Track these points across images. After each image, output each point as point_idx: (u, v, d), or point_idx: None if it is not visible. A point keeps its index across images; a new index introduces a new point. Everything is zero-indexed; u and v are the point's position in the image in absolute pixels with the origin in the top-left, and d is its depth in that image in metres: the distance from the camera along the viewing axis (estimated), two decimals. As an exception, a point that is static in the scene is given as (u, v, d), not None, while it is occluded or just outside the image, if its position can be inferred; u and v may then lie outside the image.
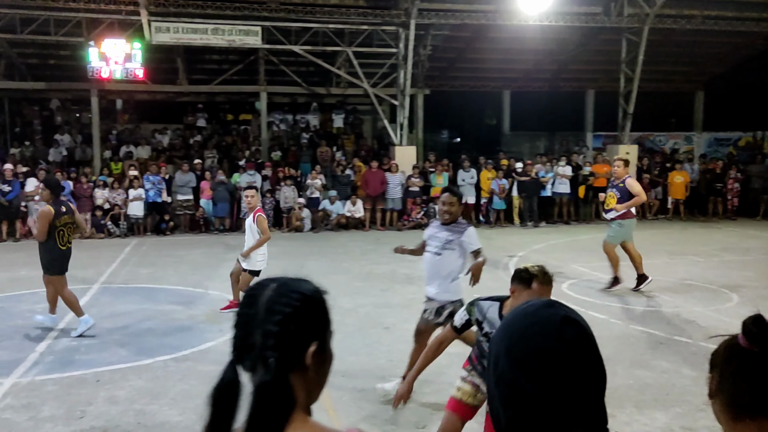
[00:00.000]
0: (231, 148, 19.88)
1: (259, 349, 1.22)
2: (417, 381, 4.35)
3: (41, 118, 20.52)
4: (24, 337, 7.10)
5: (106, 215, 15.16)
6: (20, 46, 17.65)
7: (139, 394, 5.50)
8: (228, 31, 16.21)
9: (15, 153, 18.11)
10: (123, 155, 18.35)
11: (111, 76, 15.89)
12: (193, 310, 8.42)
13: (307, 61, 18.29)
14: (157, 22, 15.69)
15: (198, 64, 19.81)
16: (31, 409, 5.16)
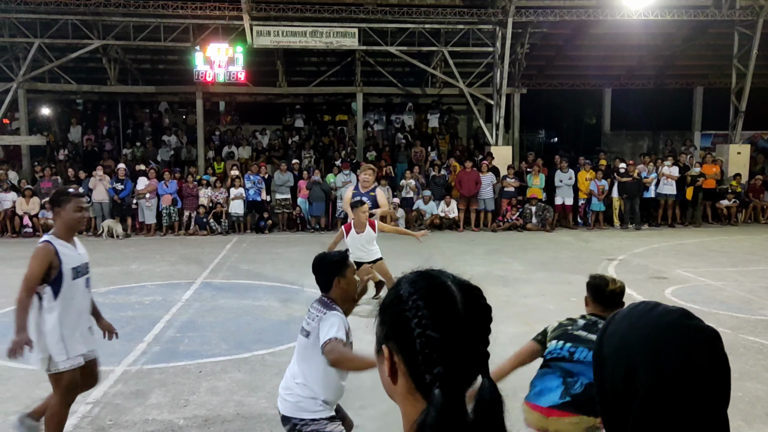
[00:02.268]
0: (327, 148, 20.25)
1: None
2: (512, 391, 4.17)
3: (151, 120, 21.73)
4: (133, 328, 7.47)
5: (208, 213, 15.81)
6: (133, 53, 18.77)
7: (239, 386, 5.64)
8: (326, 33, 16.50)
9: (127, 153, 19.28)
10: (225, 155, 19.10)
11: (215, 79, 16.56)
12: (289, 307, 8.58)
13: (403, 62, 18.34)
14: (259, 27, 16.21)
15: (297, 67, 20.32)
16: (140, 396, 5.40)
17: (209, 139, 20.05)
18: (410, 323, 1.07)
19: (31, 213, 15.39)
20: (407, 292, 1.11)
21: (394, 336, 1.11)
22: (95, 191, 15.49)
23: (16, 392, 5.48)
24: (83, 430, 4.74)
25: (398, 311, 1.10)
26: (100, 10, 16.02)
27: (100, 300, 8.78)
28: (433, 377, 1.04)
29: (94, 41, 16.52)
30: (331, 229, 16.36)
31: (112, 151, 19.77)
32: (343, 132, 21.57)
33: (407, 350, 1.08)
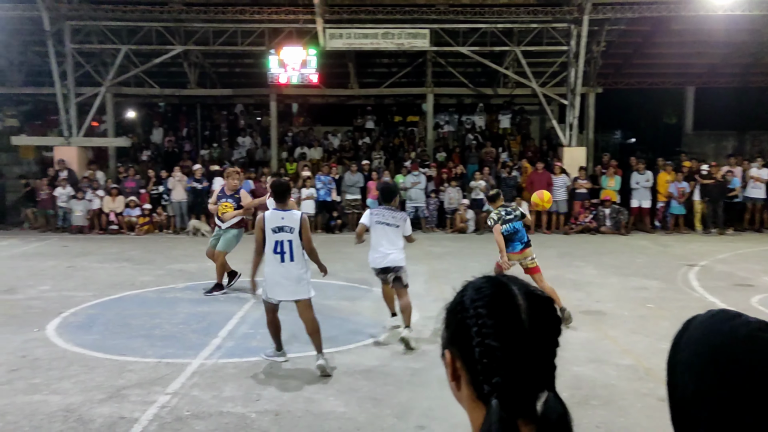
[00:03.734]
0: (397, 149, 20.32)
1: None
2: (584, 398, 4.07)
3: (227, 122, 22.42)
4: (209, 323, 7.72)
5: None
6: (212, 57, 19.42)
7: (308, 383, 5.74)
8: (397, 35, 16.56)
9: (204, 154, 19.97)
10: (297, 156, 19.49)
11: (288, 81, 16.91)
12: (357, 306, 8.67)
13: (474, 62, 18.18)
14: (331, 29, 16.45)
15: (368, 68, 20.49)
16: (215, 388, 5.59)
17: (282, 140, 20.49)
18: (471, 330, 1.06)
19: (117, 211, 16.18)
20: (471, 298, 1.10)
21: (456, 342, 1.10)
22: (174, 191, 16.12)
23: (100, 381, 5.77)
24: (163, 419, 4.94)
25: (460, 317, 1.09)
26: (182, 16, 16.66)
27: (178, 295, 9.18)
28: (492, 387, 1.02)
29: (176, 47, 17.20)
30: (400, 229, 16.41)
31: (191, 152, 20.53)
32: (413, 133, 21.60)
33: (468, 357, 1.06)
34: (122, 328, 7.54)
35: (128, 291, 9.47)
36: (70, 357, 6.44)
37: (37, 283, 9.98)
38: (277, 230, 5.97)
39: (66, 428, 4.78)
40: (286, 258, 5.96)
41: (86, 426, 4.82)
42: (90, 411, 5.09)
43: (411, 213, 16.42)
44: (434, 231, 16.41)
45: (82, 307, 8.52)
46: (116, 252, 13.08)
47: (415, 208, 16.45)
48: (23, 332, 7.30)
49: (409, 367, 6.18)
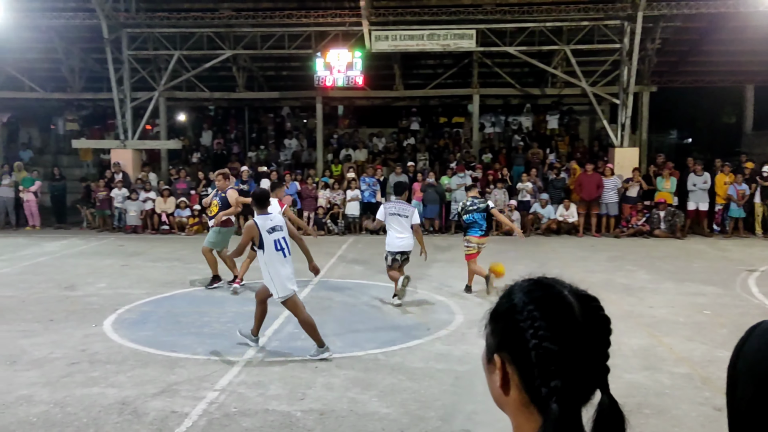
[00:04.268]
0: (443, 150, 20.28)
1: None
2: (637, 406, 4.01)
3: (274, 124, 22.78)
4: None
5: (326, 214, 16.33)
6: (259, 60, 19.77)
7: (352, 384, 5.80)
8: (443, 36, 16.53)
9: (251, 156, 20.34)
10: (343, 158, 19.64)
11: (334, 84, 17.08)
12: (402, 307, 8.70)
13: (522, 62, 17.99)
14: (377, 31, 16.54)
15: (413, 69, 20.51)
16: (261, 386, 5.71)
17: (328, 142, 20.70)
18: (525, 334, 1.04)
19: (168, 212, 16.64)
20: (522, 301, 1.08)
21: (507, 346, 1.08)
22: (224, 192, 16.44)
23: (153, 376, 5.96)
24: (212, 414, 5.08)
25: (512, 321, 1.08)
26: (231, 22, 17.03)
27: (226, 294, 9.37)
28: (550, 391, 1.01)
29: (225, 51, 17.58)
30: (444, 231, 16.38)
31: (239, 153, 20.94)
32: (458, 134, 21.51)
33: (521, 362, 1.05)
34: (173, 326, 7.77)
35: (179, 289, 9.74)
36: (126, 352, 6.68)
37: (96, 281, 10.36)
38: (272, 230, 6.49)
39: (121, 421, 4.96)
40: (286, 253, 6.58)
41: (140, 419, 4.99)
42: (144, 404, 5.27)
43: (455, 216, 16.37)
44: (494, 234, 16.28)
45: (136, 304, 8.81)
46: (168, 251, 13.45)
47: (460, 210, 16.38)
48: (83, 327, 7.60)
49: (453, 369, 6.18)
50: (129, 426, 4.87)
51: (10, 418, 5.02)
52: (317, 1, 17.18)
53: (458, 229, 16.39)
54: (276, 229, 6.51)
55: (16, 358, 6.48)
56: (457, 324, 7.84)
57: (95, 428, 4.84)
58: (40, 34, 17.93)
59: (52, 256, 12.34)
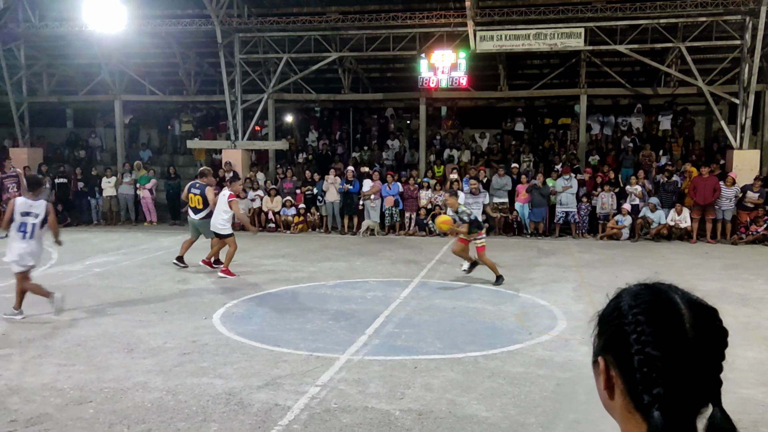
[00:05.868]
0: (548, 152, 19.75)
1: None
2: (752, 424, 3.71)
3: (378, 125, 23.04)
4: (356, 321, 7.99)
5: (428, 215, 16.33)
6: (364, 62, 20.09)
7: (451, 385, 5.75)
8: (550, 35, 16.09)
9: (355, 157, 20.69)
10: (445, 159, 19.57)
11: (438, 85, 17.05)
12: (502, 310, 8.54)
13: (633, 61, 17.22)
14: (482, 32, 16.35)
15: (518, 70, 20.13)
16: (361, 384, 5.77)
17: (430, 143, 20.69)
18: (629, 338, 1.02)
19: (274, 210, 17.23)
20: (628, 305, 1.06)
21: (612, 349, 1.06)
22: (327, 192, 16.84)
23: (258, 369, 6.17)
24: (313, 409, 5.19)
25: (617, 324, 1.06)
26: (338, 25, 17.41)
27: (328, 292, 9.57)
28: (652, 398, 0.98)
29: (332, 54, 18.00)
30: (548, 234, 15.94)
31: (343, 154, 21.36)
32: (564, 135, 20.87)
33: (625, 366, 1.03)
34: (278, 321, 8.02)
35: (283, 286, 10.05)
36: (233, 344, 6.96)
37: (206, 276, 10.89)
38: (26, 214, 7.96)
39: (228, 410, 5.17)
40: (26, 236, 8.02)
41: (245, 410, 5.18)
42: (249, 396, 5.47)
43: (560, 218, 15.90)
44: (585, 237, 15.75)
45: (243, 299, 9.17)
46: (273, 249, 13.93)
47: (565, 213, 15.88)
48: (194, 320, 8.01)
49: (554, 376, 5.98)
50: (235, 416, 5.07)
51: (127, 402, 5.36)
52: (422, 3, 17.21)
53: (563, 233, 15.94)
54: (30, 214, 7.87)
55: (133, 346, 6.91)
56: (560, 330, 7.60)
57: (204, 416, 5.07)
58: (160, 40, 19.10)
59: (167, 251, 13.08)
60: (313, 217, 17.22)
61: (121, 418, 5.02)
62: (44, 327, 7.63)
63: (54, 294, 8.02)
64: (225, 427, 4.87)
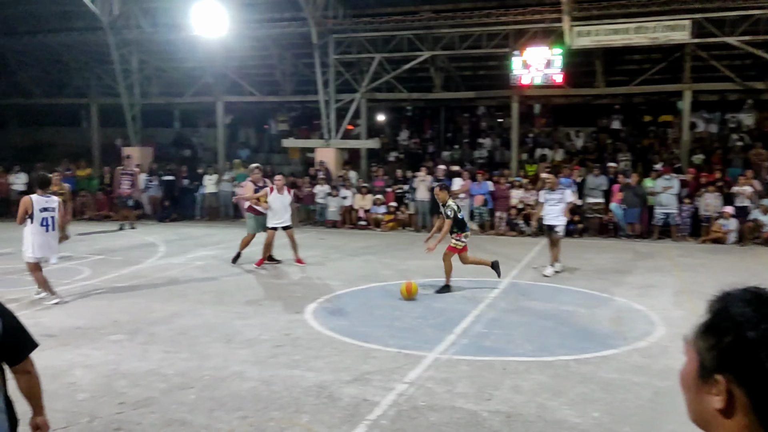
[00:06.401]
0: (647, 151, 18.92)
1: None
2: None
3: (469, 124, 22.87)
4: (445, 320, 7.99)
5: (518, 214, 16.05)
6: (456, 60, 19.98)
7: (541, 389, 5.64)
8: (652, 28, 15.39)
9: (446, 155, 20.63)
10: (538, 157, 19.16)
11: (531, 82, 16.71)
12: (596, 315, 8.28)
13: (744, 53, 16.16)
14: (579, 27, 15.88)
15: (616, 65, 19.37)
16: (448, 383, 5.78)
17: (523, 141, 20.33)
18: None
19: (365, 208, 17.49)
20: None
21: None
22: (418, 190, 16.90)
23: (348, 364, 6.31)
24: (400, 406, 5.25)
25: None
26: (431, 24, 17.43)
27: (419, 290, 9.60)
28: None
29: (424, 53, 18.04)
30: (646, 236, 15.27)
31: (434, 153, 21.36)
32: (665, 133, 19.91)
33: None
34: (367, 317, 8.16)
35: (373, 283, 10.19)
36: (324, 339, 7.15)
37: (299, 271, 11.22)
38: (44, 210, 8.59)
39: (318, 403, 5.33)
40: (49, 228, 8.68)
41: (335, 403, 5.31)
42: (339, 390, 5.60)
43: (660, 220, 15.20)
44: (686, 240, 14.97)
45: (334, 294, 9.38)
46: (363, 246, 14.14)
47: (665, 215, 15.16)
48: (287, 313, 8.28)
49: (652, 384, 5.75)
50: (325, 408, 5.21)
51: (225, 390, 5.62)
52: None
53: (662, 235, 15.23)
54: (48, 209, 8.44)
55: (231, 337, 7.24)
56: (659, 336, 7.28)
57: (296, 408, 5.24)
58: (258, 43, 19.81)
59: (261, 247, 13.56)
60: (404, 215, 17.34)
61: (220, 405, 5.28)
62: (152, 316, 8.12)
63: (56, 294, 8.68)
64: (316, 419, 5.02)
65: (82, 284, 10.01)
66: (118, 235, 16.05)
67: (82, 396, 5.49)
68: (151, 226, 17.60)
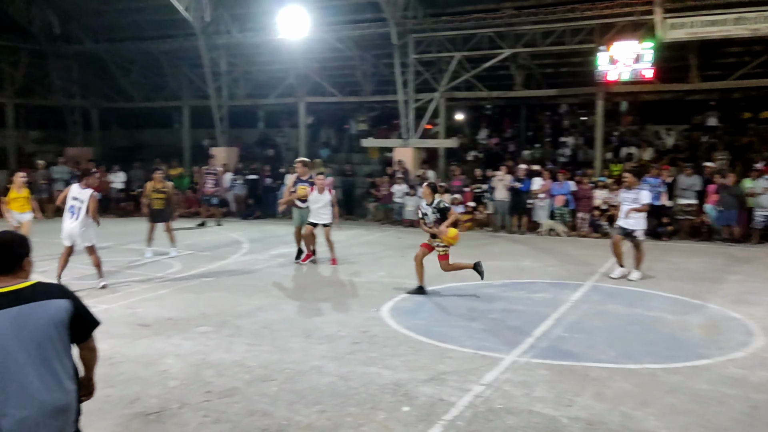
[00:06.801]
0: (746, 149, 17.85)
1: None
2: None
3: (551, 122, 22.33)
4: (523, 322, 7.82)
5: (602, 215, 15.52)
6: (538, 58, 19.56)
7: (625, 397, 5.42)
8: (753, 19, 14.48)
9: (526, 154, 20.23)
10: (623, 157, 18.46)
11: (618, 78, 16.12)
12: (686, 322, 7.88)
13: None
14: (672, 19, 15.17)
15: (712, 59, 18.38)
16: (526, 387, 5.65)
17: (608, 139, 19.65)
18: None
19: (444, 207, 17.36)
20: None
21: None
22: (497, 190, 16.64)
23: (424, 363, 6.29)
24: (477, 408, 5.18)
25: None
26: (513, 21, 17.12)
27: (495, 291, 9.47)
28: None
29: (505, 50, 17.74)
30: (744, 240, 14.40)
31: (514, 152, 20.99)
32: (767, 131, 18.71)
33: None
34: (444, 317, 8.10)
35: (450, 283, 10.11)
36: (400, 337, 7.16)
37: (377, 269, 11.30)
38: (75, 198, 9.46)
39: (395, 401, 5.34)
40: (74, 216, 9.49)
41: (411, 401, 5.31)
42: (414, 389, 5.59)
43: (761, 222, 14.30)
44: (789, 245, 14.01)
45: (410, 293, 9.37)
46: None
47: (765, 217, 14.25)
48: (364, 311, 8.35)
49: (748, 397, 5.41)
50: (401, 406, 5.21)
51: (304, 384, 5.73)
52: (603, -8, 16.38)
53: (763, 239, 14.34)
54: (77, 199, 9.26)
55: (310, 332, 7.37)
56: (757, 347, 6.85)
57: (372, 404, 5.27)
58: (339, 45, 20.11)
59: (341, 244, 13.70)
60: (482, 215, 17.13)
61: (300, 398, 5.39)
62: (237, 309, 8.39)
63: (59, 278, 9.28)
64: (392, 416, 5.03)
65: (173, 277, 10.48)
66: (206, 231, 16.71)
67: (173, 383, 5.74)
68: (236, 224, 18.20)
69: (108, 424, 4.90)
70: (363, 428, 4.85)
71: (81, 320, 3.02)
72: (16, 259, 2.97)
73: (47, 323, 2.86)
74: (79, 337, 3.06)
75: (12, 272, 2.94)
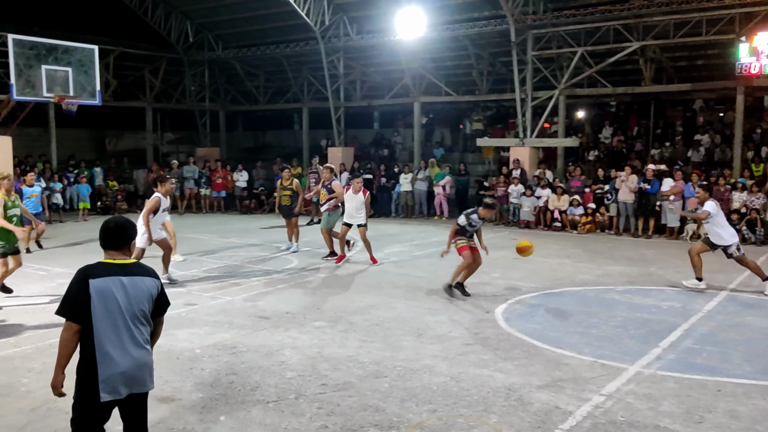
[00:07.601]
0: None
1: None
2: None
3: (683, 119, 20.93)
4: (648, 331, 7.36)
5: (741, 220, 14.33)
6: (670, 50, 18.39)
7: (763, 417, 4.95)
8: None
9: (655, 154, 19.07)
10: (765, 156, 16.96)
11: (761, 71, 14.82)
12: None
13: None
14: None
15: None
16: (652, 400, 5.29)
17: (748, 137, 18.13)
18: None
19: (561, 209, 16.78)
20: None
21: None
22: (620, 191, 15.82)
23: (539, 368, 6.06)
24: (597, 419, 4.92)
25: None
26: (642, 12, 16.19)
27: (617, 297, 9.00)
28: None
29: (632, 43, 16.82)
30: None
31: (641, 151, 19.88)
32: None
33: None
34: (560, 322, 7.79)
35: (568, 287, 9.73)
36: (513, 341, 6.96)
37: (490, 270, 11.06)
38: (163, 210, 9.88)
39: (507, 405, 5.18)
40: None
41: (525, 407, 5.13)
42: (528, 394, 5.40)
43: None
44: None
45: (525, 296, 9.11)
46: (558, 248, 13.58)
47: None
48: (476, 312, 8.21)
49: None
50: (514, 411, 5.05)
51: (416, 382, 5.71)
52: (744, -22, 15.13)
53: None
54: (165, 209, 9.88)
55: (422, 331, 7.34)
56: None
57: (484, 407, 5.15)
58: (456, 44, 19.97)
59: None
60: (603, 217, 16.37)
61: (411, 396, 5.37)
62: (350, 306, 8.53)
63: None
64: (504, 420, 4.88)
65: (291, 273, 10.85)
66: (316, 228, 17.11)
67: (290, 374, 5.92)
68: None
69: (230, 408, 5.12)
70: (474, 430, 4.75)
71: (162, 299, 3.69)
72: (127, 240, 3.62)
73: (145, 295, 3.53)
74: (157, 312, 3.67)
75: (122, 249, 3.59)
